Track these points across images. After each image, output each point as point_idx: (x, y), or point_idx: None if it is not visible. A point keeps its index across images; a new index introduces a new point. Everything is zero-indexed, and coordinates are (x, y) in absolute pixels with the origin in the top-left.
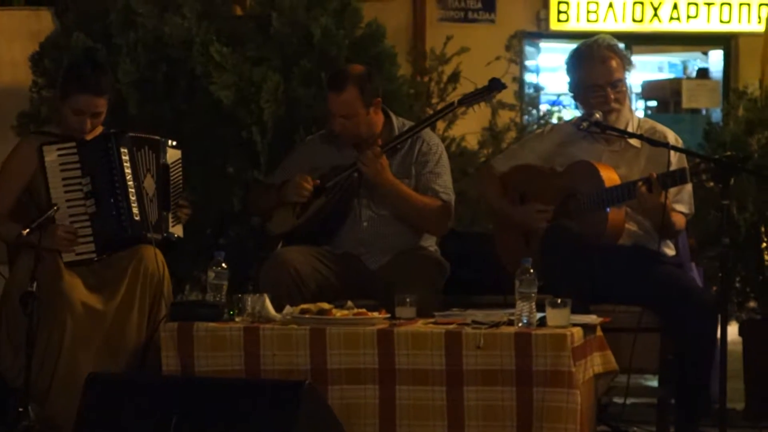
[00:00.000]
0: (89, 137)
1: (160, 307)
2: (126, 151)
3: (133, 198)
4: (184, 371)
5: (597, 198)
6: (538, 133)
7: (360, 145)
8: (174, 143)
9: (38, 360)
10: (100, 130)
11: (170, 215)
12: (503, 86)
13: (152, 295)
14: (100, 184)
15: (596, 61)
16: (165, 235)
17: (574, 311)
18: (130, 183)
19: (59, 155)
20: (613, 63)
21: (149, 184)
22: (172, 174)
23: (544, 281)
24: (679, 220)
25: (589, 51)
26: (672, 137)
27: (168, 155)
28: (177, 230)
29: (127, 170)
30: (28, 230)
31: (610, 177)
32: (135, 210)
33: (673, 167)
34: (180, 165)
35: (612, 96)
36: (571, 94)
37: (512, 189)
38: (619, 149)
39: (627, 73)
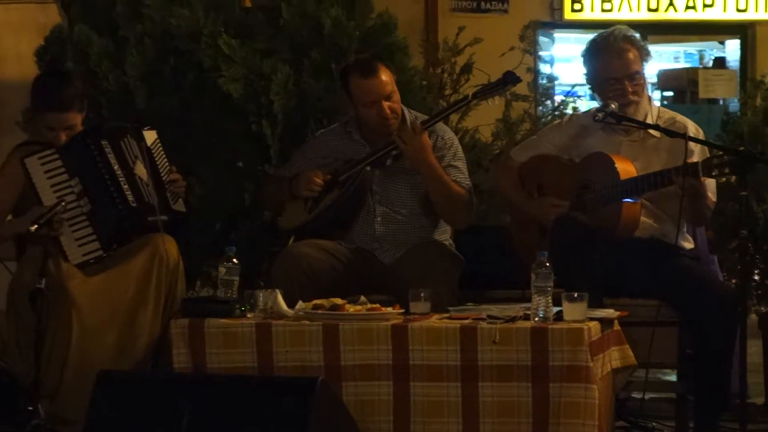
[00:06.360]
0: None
1: (176, 297)
2: (107, 143)
3: (125, 186)
4: (196, 368)
5: (611, 190)
6: (556, 124)
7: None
8: (147, 126)
9: (47, 357)
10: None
11: (168, 194)
12: (518, 80)
13: (168, 283)
14: (89, 181)
15: (613, 54)
16: (170, 213)
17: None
18: (119, 173)
19: (42, 164)
20: (630, 55)
21: (141, 170)
22: (155, 154)
23: (555, 275)
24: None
25: (606, 43)
26: (692, 128)
27: (147, 137)
28: (179, 206)
29: (113, 161)
30: (36, 225)
31: (625, 169)
32: (130, 197)
33: (695, 158)
34: (159, 144)
35: (630, 89)
36: (589, 85)
37: (530, 180)
38: (638, 140)
39: (644, 64)
